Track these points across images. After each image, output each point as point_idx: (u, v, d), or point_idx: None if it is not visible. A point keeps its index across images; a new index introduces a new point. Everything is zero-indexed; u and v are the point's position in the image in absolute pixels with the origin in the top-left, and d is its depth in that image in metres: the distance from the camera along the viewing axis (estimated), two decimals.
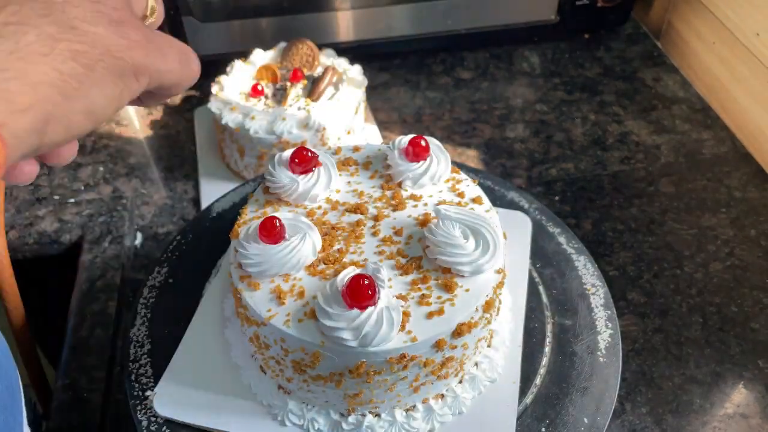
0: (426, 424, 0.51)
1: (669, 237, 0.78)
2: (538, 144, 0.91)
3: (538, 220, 0.67)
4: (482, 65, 1.04)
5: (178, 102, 0.98)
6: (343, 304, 0.45)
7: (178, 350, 0.56)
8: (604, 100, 0.98)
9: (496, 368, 0.55)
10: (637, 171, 0.87)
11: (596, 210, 0.82)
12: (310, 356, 0.46)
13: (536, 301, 0.61)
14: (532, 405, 0.54)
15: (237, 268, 0.50)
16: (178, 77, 0.32)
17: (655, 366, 0.66)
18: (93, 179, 0.87)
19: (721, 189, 0.84)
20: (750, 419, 0.62)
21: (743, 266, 0.75)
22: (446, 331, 0.46)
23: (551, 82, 1.01)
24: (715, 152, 0.89)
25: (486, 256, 0.48)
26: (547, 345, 0.58)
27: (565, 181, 0.85)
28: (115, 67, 0.27)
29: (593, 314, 0.60)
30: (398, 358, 0.45)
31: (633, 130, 0.93)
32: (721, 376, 0.65)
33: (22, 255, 0.80)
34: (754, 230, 0.79)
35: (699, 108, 0.96)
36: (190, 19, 0.91)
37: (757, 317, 0.70)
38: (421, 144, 0.56)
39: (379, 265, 0.47)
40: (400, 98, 0.99)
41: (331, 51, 0.87)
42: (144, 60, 0.29)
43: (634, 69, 1.03)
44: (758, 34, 0.86)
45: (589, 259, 0.64)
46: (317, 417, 0.51)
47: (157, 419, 0.52)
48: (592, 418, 0.53)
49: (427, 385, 0.50)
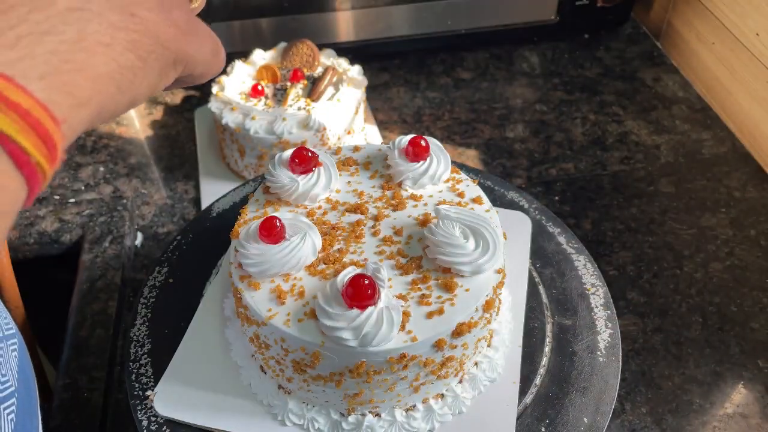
0: (426, 423, 0.51)
1: (669, 237, 0.78)
2: (538, 144, 0.91)
3: (537, 220, 0.67)
4: (482, 65, 1.04)
5: (179, 102, 0.98)
6: (343, 303, 0.45)
7: (178, 350, 0.56)
8: (603, 100, 0.98)
9: (496, 368, 0.55)
10: (637, 171, 0.87)
11: (596, 210, 0.82)
12: (310, 356, 0.46)
13: (536, 301, 0.61)
14: (532, 405, 0.54)
15: (237, 268, 0.50)
16: (208, 67, 0.32)
17: (654, 366, 0.66)
18: (93, 179, 0.87)
19: (720, 189, 0.84)
20: (749, 419, 0.62)
21: (743, 266, 0.75)
22: (446, 331, 0.46)
23: (551, 82, 1.01)
24: (714, 152, 0.89)
25: (486, 256, 0.49)
26: (547, 345, 0.58)
27: (564, 181, 0.86)
28: (162, 58, 0.27)
29: (593, 314, 0.60)
30: (398, 358, 0.45)
31: (633, 130, 0.93)
32: (720, 375, 0.65)
33: (22, 255, 0.80)
34: (753, 230, 0.79)
35: (699, 108, 0.96)
36: None
37: (757, 317, 0.70)
38: (421, 144, 0.56)
39: (379, 265, 0.47)
40: (400, 98, 0.99)
41: (331, 51, 0.87)
42: (185, 48, 0.28)
43: (633, 69, 1.03)
44: (758, 34, 0.86)
45: (589, 258, 0.64)
46: (317, 417, 0.51)
47: (157, 419, 0.52)
48: (592, 417, 0.53)
49: (427, 385, 0.50)
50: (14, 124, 0.19)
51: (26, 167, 0.20)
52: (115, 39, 0.23)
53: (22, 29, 0.20)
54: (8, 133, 0.19)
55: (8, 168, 0.20)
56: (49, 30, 0.21)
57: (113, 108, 0.24)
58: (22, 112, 0.19)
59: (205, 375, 0.54)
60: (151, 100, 0.98)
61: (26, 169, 0.20)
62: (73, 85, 0.21)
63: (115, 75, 0.23)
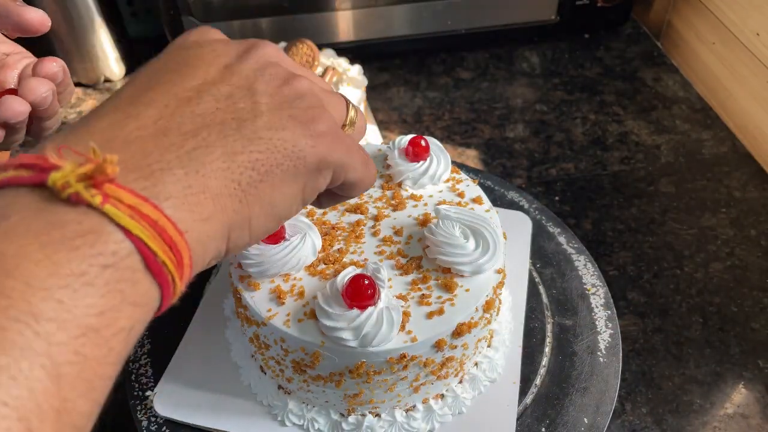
0: (426, 424, 0.51)
1: (669, 237, 0.78)
2: (538, 144, 0.91)
3: (537, 219, 0.67)
4: (482, 65, 1.04)
5: None
6: (343, 304, 0.45)
7: (178, 350, 0.56)
8: (604, 100, 0.98)
9: (496, 368, 0.55)
10: (637, 171, 0.87)
11: (596, 210, 0.82)
12: (310, 356, 0.46)
13: (536, 301, 0.61)
14: (532, 405, 0.54)
15: (237, 268, 0.50)
16: (360, 175, 0.34)
17: (655, 366, 0.66)
18: None
19: (721, 189, 0.84)
20: (750, 419, 0.62)
21: (743, 266, 0.75)
22: (446, 331, 0.46)
23: (551, 82, 1.01)
24: (715, 152, 0.89)
25: (486, 256, 0.48)
26: (547, 345, 0.58)
27: (565, 181, 0.85)
28: (295, 168, 0.30)
29: (593, 314, 0.60)
30: (398, 358, 0.45)
31: (633, 130, 0.93)
32: (721, 376, 0.65)
33: None
34: (754, 230, 0.79)
35: (699, 108, 0.96)
36: (190, 19, 0.91)
37: (757, 317, 0.70)
38: (421, 144, 0.56)
39: (379, 265, 0.47)
40: (400, 98, 0.99)
41: (330, 51, 0.87)
42: (328, 154, 0.31)
43: (634, 69, 1.03)
44: (758, 33, 0.86)
45: (589, 258, 0.64)
46: (317, 417, 0.51)
47: (157, 419, 0.52)
48: (592, 418, 0.53)
49: (427, 385, 0.50)
50: (146, 230, 0.24)
51: (157, 270, 0.25)
52: (234, 162, 0.28)
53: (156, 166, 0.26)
54: (141, 237, 0.24)
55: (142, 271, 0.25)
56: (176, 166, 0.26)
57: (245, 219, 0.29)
58: (151, 222, 0.24)
59: (205, 375, 0.54)
60: None
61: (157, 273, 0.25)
62: (195, 204, 0.27)
63: (236, 192, 0.28)
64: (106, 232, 0.24)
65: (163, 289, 0.26)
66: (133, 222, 0.24)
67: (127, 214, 0.24)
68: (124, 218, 0.24)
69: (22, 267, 0.22)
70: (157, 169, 0.26)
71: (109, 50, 0.96)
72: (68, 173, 0.23)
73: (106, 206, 0.24)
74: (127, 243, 0.24)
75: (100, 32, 0.93)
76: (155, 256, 0.25)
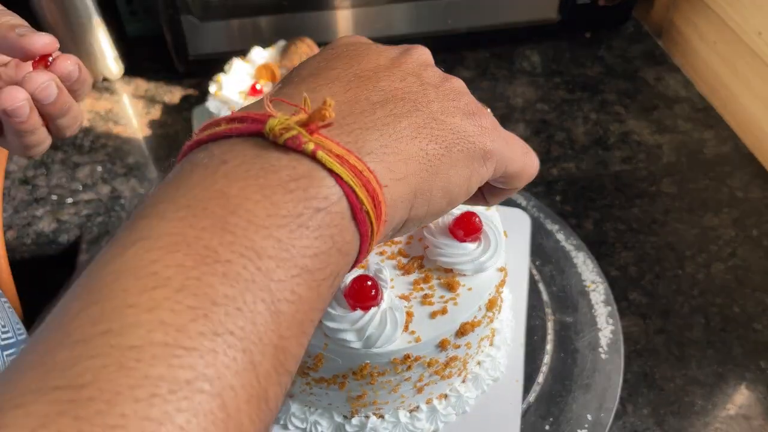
0: (430, 424, 0.51)
1: (671, 237, 0.78)
2: (539, 143, 0.91)
3: (536, 217, 0.67)
4: (483, 65, 1.04)
5: (177, 101, 0.98)
6: (345, 305, 0.44)
7: None
8: (605, 100, 0.98)
9: (499, 367, 0.54)
10: (639, 171, 0.87)
11: (598, 210, 0.81)
12: (313, 359, 0.45)
13: (536, 299, 0.61)
14: (535, 403, 0.54)
15: None
16: (520, 166, 0.35)
17: (656, 367, 0.66)
18: (91, 179, 0.87)
19: (723, 189, 0.84)
20: (752, 420, 0.62)
21: (745, 267, 0.74)
22: (450, 331, 0.46)
23: (552, 81, 1.01)
24: (717, 152, 0.89)
25: (487, 254, 0.48)
26: (549, 342, 0.58)
27: (566, 181, 0.85)
28: (467, 150, 0.31)
29: (594, 311, 0.60)
30: (402, 359, 0.45)
31: (634, 129, 0.93)
32: (723, 377, 0.65)
33: (19, 255, 0.79)
34: (756, 230, 0.78)
35: (701, 107, 0.96)
36: (189, 18, 0.91)
37: (760, 318, 0.70)
38: None
39: (380, 266, 0.46)
40: None
41: None
42: (492, 145, 0.33)
43: (635, 68, 1.03)
44: (760, 33, 0.85)
45: (588, 255, 0.64)
46: (320, 420, 0.50)
47: None
48: (596, 414, 0.53)
49: (431, 386, 0.49)
50: (354, 179, 0.25)
51: (361, 219, 0.26)
52: (420, 133, 0.30)
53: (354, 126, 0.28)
54: (351, 185, 0.25)
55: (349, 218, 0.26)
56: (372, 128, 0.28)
57: (428, 189, 0.30)
58: (357, 172, 0.26)
59: None
60: (148, 99, 0.98)
61: (361, 222, 0.26)
62: (391, 163, 0.28)
63: (423, 159, 0.29)
64: (318, 177, 0.25)
65: (362, 242, 0.27)
66: (343, 169, 0.25)
67: (337, 162, 0.25)
68: (335, 165, 0.25)
69: (243, 206, 0.23)
70: (356, 128, 0.28)
71: (108, 49, 0.95)
72: (286, 119, 0.25)
73: (319, 152, 0.25)
74: (337, 188, 0.25)
75: (98, 31, 0.92)
76: (361, 205, 0.26)
